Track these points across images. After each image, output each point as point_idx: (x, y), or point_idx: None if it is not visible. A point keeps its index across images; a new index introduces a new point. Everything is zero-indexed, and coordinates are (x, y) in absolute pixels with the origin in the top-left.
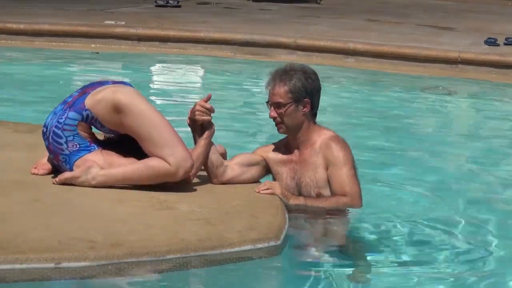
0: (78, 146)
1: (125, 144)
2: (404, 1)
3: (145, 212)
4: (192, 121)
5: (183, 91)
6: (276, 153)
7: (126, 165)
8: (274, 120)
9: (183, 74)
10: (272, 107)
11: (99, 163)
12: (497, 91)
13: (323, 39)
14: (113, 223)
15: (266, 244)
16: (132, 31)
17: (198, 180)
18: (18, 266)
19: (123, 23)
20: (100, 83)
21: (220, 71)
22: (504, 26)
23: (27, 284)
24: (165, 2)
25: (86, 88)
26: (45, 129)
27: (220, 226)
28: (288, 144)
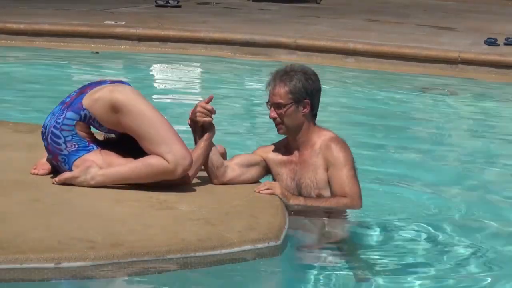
0: (76, 146)
1: (125, 144)
2: (404, 1)
3: (145, 212)
4: (193, 122)
5: (183, 91)
6: (276, 154)
7: (125, 164)
8: (274, 120)
9: (183, 74)
10: (272, 108)
11: (98, 163)
12: (497, 91)
13: (323, 39)
14: (113, 223)
15: (266, 244)
16: (132, 31)
17: (198, 181)
18: (18, 266)
19: (123, 23)
20: (98, 83)
21: (220, 71)
22: (504, 26)
23: (27, 284)
24: (165, 2)
25: (84, 88)
26: (44, 129)
27: (220, 226)
28: (288, 145)
